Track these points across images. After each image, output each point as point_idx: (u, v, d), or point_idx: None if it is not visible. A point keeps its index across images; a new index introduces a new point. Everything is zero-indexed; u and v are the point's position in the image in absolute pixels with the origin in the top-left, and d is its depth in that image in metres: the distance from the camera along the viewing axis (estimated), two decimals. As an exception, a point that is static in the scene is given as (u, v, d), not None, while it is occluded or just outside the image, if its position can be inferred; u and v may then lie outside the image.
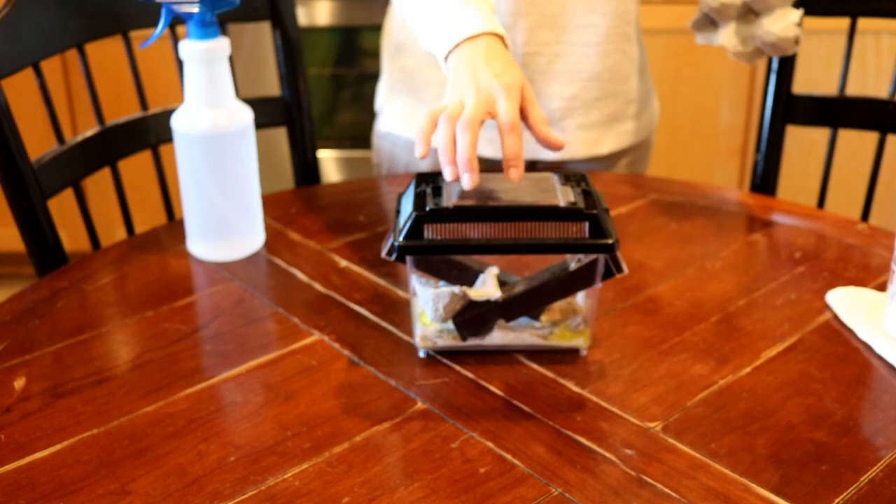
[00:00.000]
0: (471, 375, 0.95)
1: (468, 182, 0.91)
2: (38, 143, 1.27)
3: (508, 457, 0.84)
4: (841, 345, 0.99)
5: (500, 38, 1.07)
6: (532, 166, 1.44)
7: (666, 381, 0.94)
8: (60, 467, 0.83)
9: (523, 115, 0.99)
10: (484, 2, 1.09)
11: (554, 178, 0.97)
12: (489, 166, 1.50)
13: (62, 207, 1.87)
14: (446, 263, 0.99)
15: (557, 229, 0.91)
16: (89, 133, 1.29)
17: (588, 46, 1.37)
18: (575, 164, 1.43)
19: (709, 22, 1.27)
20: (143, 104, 1.36)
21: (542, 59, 1.37)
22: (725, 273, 1.14)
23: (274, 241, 1.20)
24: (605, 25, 1.36)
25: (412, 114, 1.44)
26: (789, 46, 1.24)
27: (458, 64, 1.04)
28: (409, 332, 1.01)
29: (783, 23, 1.22)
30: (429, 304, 0.95)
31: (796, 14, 1.22)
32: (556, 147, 0.97)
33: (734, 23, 1.25)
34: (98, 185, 2.31)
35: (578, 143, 1.42)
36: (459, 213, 0.90)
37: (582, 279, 0.95)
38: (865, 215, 1.44)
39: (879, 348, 0.98)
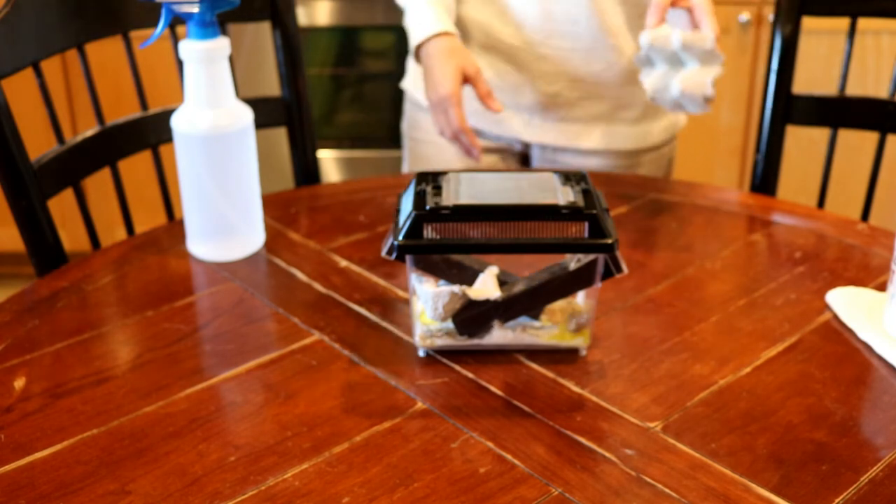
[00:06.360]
0: (471, 375, 0.95)
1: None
2: (38, 143, 1.27)
3: (508, 457, 0.84)
4: (841, 345, 0.99)
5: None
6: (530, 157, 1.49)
7: (666, 381, 0.94)
8: (60, 467, 0.83)
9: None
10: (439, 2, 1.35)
11: (554, 178, 0.97)
12: (490, 166, 1.50)
13: (62, 207, 1.87)
14: (446, 263, 0.98)
15: (557, 229, 0.91)
16: (89, 133, 1.29)
17: (572, 52, 1.42)
18: (594, 157, 1.48)
19: (648, 60, 1.29)
20: (143, 104, 1.36)
21: (527, 56, 1.43)
22: (725, 273, 1.14)
23: (274, 241, 1.20)
24: (588, 37, 1.41)
25: (419, 78, 1.49)
26: (693, 105, 1.25)
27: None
28: (409, 332, 1.01)
29: (696, 79, 1.23)
30: (428, 303, 0.95)
31: (713, 72, 1.22)
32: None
33: (666, 66, 1.27)
34: (98, 185, 2.31)
35: (558, 133, 1.48)
36: (459, 213, 0.90)
37: (582, 279, 0.95)
38: (865, 215, 1.44)
39: (879, 348, 0.98)
